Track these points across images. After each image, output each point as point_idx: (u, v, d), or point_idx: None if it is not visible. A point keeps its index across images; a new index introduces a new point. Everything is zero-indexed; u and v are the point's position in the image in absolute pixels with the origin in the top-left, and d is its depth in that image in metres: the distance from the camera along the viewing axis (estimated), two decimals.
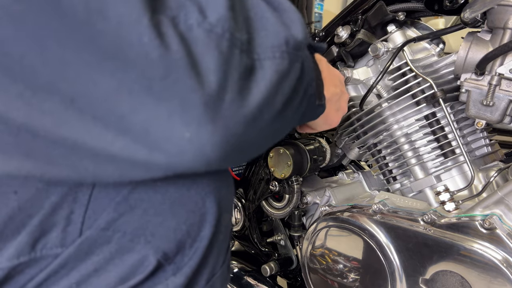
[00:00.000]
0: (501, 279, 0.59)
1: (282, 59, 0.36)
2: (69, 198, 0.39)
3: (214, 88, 0.31)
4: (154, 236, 0.42)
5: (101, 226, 0.40)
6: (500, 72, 0.62)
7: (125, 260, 0.41)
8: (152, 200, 0.42)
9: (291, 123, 0.45)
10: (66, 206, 0.39)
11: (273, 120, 0.37)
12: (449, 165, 0.73)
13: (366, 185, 0.92)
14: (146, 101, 0.30)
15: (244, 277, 1.06)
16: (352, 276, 0.78)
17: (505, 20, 0.62)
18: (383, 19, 0.75)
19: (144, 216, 0.41)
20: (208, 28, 0.31)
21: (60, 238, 0.39)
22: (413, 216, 0.69)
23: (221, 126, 0.32)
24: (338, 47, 0.84)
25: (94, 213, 0.40)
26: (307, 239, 0.85)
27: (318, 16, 4.28)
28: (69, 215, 0.39)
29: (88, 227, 0.39)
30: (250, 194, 0.99)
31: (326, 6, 4.34)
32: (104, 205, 0.40)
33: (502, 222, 0.61)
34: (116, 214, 0.40)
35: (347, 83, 0.85)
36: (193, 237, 0.44)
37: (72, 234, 0.39)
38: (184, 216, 0.43)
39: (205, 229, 0.44)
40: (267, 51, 0.35)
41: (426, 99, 0.72)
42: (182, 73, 0.30)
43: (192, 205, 0.43)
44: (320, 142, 0.94)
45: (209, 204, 0.44)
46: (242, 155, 0.39)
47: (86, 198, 0.39)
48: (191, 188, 0.43)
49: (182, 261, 0.44)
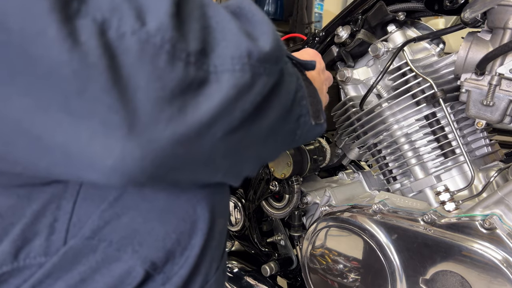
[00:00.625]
0: (501, 279, 0.59)
1: (243, 72, 0.32)
2: (52, 206, 0.38)
3: (141, 107, 0.28)
4: (142, 245, 0.40)
5: (86, 235, 0.38)
6: (500, 72, 0.62)
7: (112, 270, 0.39)
8: (139, 207, 0.40)
9: (275, 142, 0.42)
10: (49, 214, 0.37)
11: (229, 137, 0.34)
12: (449, 165, 0.73)
13: (366, 185, 0.92)
14: (63, 120, 0.27)
15: (244, 277, 1.06)
16: (352, 276, 0.78)
17: (505, 20, 0.62)
18: (383, 19, 0.75)
19: (131, 225, 0.40)
20: (144, 38, 0.27)
21: (43, 247, 0.37)
22: (413, 216, 0.69)
23: (152, 149, 0.29)
24: (338, 47, 0.84)
25: (79, 221, 0.38)
26: (307, 239, 0.85)
27: (318, 16, 4.29)
28: (53, 223, 0.38)
29: (72, 236, 0.38)
30: (250, 194, 0.99)
31: (326, 6, 4.35)
32: (89, 213, 0.38)
33: (502, 222, 0.61)
34: (102, 222, 0.39)
35: (347, 83, 0.85)
36: (184, 246, 0.42)
37: (56, 242, 0.38)
38: (173, 224, 0.41)
39: (197, 237, 0.43)
40: (227, 62, 0.31)
41: (426, 99, 0.72)
42: (100, 90, 0.27)
43: (182, 213, 0.42)
44: (320, 142, 0.94)
45: (200, 211, 0.43)
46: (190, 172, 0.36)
47: (70, 205, 0.38)
48: (181, 195, 0.42)
49: (172, 270, 0.42)
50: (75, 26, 0.26)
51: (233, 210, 1.04)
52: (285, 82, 0.38)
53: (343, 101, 0.86)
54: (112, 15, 0.27)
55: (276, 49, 0.35)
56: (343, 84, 0.86)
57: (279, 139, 0.42)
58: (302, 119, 0.44)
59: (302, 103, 0.43)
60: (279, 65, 0.37)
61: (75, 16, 0.26)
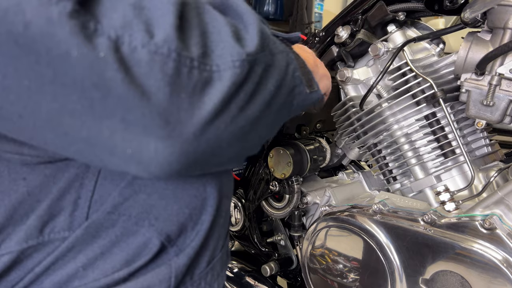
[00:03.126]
0: (501, 279, 0.59)
1: (242, 68, 0.36)
2: (76, 184, 0.40)
3: (157, 108, 0.32)
4: (158, 219, 0.43)
5: (107, 210, 0.41)
6: (500, 72, 0.62)
7: (130, 243, 0.43)
8: (155, 185, 0.43)
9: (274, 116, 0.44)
10: (73, 192, 0.40)
11: (233, 123, 0.37)
12: (449, 165, 0.73)
13: (366, 185, 0.92)
14: (87, 119, 0.32)
15: (244, 277, 1.06)
16: (352, 276, 0.78)
17: (505, 20, 0.62)
18: (383, 19, 0.75)
19: (148, 200, 0.43)
20: (153, 50, 0.31)
21: (67, 222, 0.40)
22: (413, 216, 0.69)
23: (172, 140, 0.34)
24: (338, 47, 0.84)
25: (100, 198, 0.41)
26: (307, 239, 0.85)
27: (318, 16, 4.28)
28: (76, 200, 0.41)
29: (94, 211, 0.41)
30: (250, 194, 0.99)
31: (326, 6, 4.34)
32: (109, 190, 0.42)
33: (502, 222, 0.61)
34: (121, 198, 0.42)
35: (347, 83, 0.85)
36: (195, 220, 0.46)
37: (79, 218, 0.41)
38: (186, 200, 0.45)
39: (207, 213, 0.46)
40: (228, 62, 0.35)
41: (426, 99, 0.72)
42: (118, 97, 0.31)
43: (194, 190, 0.45)
44: (320, 142, 0.94)
45: (210, 190, 0.46)
46: (209, 159, 0.39)
47: (92, 184, 0.41)
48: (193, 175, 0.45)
49: (184, 243, 0.46)
50: (94, 45, 0.29)
51: (233, 210, 1.04)
52: (276, 60, 0.42)
53: (343, 101, 0.86)
54: (124, 32, 0.30)
55: (263, 36, 0.39)
56: (343, 84, 0.86)
57: (277, 112, 0.45)
58: (297, 90, 0.47)
59: (295, 74, 0.46)
60: (267, 50, 0.40)
61: (93, 36, 0.29)
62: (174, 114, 0.33)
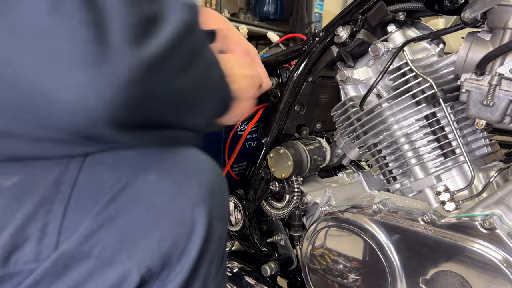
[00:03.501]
0: (501, 279, 0.59)
1: (187, 13, 0.37)
2: (43, 209, 0.37)
3: (113, 31, 0.30)
4: (137, 249, 0.39)
5: (78, 239, 0.37)
6: (500, 72, 0.62)
7: (105, 276, 0.38)
8: (134, 210, 0.39)
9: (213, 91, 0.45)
10: (40, 218, 0.37)
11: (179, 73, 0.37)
12: (449, 165, 0.73)
13: (366, 185, 0.92)
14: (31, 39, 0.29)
15: (244, 277, 1.06)
16: (352, 276, 0.78)
17: (505, 20, 0.62)
18: (383, 19, 0.75)
19: (125, 228, 0.38)
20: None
21: (34, 252, 0.36)
22: (413, 216, 0.69)
23: (118, 77, 0.31)
24: (338, 47, 0.84)
25: (71, 225, 0.37)
26: (307, 239, 0.85)
27: (318, 16, 4.29)
28: (44, 227, 0.37)
29: (64, 240, 0.37)
30: (250, 194, 0.99)
31: (326, 6, 4.35)
32: (81, 216, 0.38)
33: (502, 222, 0.61)
34: (95, 226, 0.38)
35: (347, 83, 0.85)
36: (181, 250, 0.41)
37: (48, 247, 0.37)
38: (170, 227, 0.40)
39: (194, 241, 0.41)
40: (176, 4, 0.36)
41: (426, 99, 0.72)
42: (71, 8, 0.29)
43: (179, 215, 0.41)
44: (320, 142, 0.94)
45: (198, 214, 0.41)
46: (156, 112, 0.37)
47: (61, 208, 0.37)
48: (178, 197, 0.41)
49: (169, 277, 0.41)
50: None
51: (233, 210, 1.04)
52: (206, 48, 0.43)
53: (343, 101, 0.86)
54: None
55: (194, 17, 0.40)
56: (343, 84, 0.86)
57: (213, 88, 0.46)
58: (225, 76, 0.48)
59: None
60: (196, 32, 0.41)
61: None
62: (131, 38, 0.31)
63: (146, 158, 0.41)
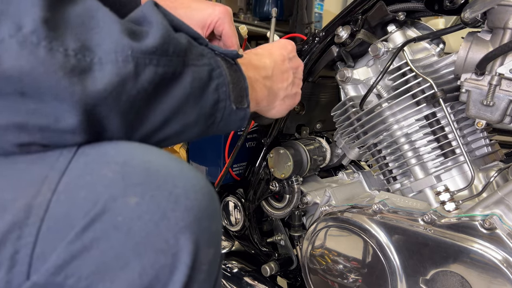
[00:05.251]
0: (501, 279, 0.59)
1: (126, 63, 0.38)
2: (13, 235, 0.34)
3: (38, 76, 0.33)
4: (115, 282, 0.36)
5: (51, 270, 0.35)
6: (500, 72, 0.62)
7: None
8: (111, 239, 0.36)
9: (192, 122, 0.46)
10: (10, 245, 0.34)
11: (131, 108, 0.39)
12: (449, 165, 0.73)
13: (366, 185, 0.92)
14: None
15: (244, 277, 1.06)
16: (352, 277, 0.78)
17: (505, 20, 0.62)
18: (383, 19, 0.75)
19: (102, 259, 0.36)
20: (21, 40, 0.33)
21: (4, 282, 0.34)
22: (413, 216, 0.69)
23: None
24: (338, 47, 0.84)
25: (43, 253, 0.35)
26: (307, 239, 0.85)
27: (318, 16, 4.29)
28: (13, 254, 0.34)
29: (36, 270, 0.35)
30: (250, 194, 0.99)
31: (326, 6, 4.35)
32: (54, 244, 0.35)
33: (502, 222, 0.61)
34: (68, 256, 0.35)
35: (347, 83, 0.85)
36: (164, 282, 0.37)
37: (18, 277, 0.34)
38: (151, 258, 0.37)
39: (179, 272, 0.38)
40: (111, 55, 0.37)
41: (426, 99, 0.72)
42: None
43: (162, 244, 0.37)
44: (320, 142, 0.94)
45: (183, 242, 0.38)
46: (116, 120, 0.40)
47: (32, 235, 0.35)
48: (160, 224, 0.37)
49: None
50: None
51: (233, 210, 1.04)
52: (189, 71, 0.44)
53: (343, 101, 0.86)
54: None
55: (167, 42, 0.41)
56: (343, 84, 0.86)
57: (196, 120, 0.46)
58: (221, 104, 0.48)
59: (221, 90, 0.48)
60: (173, 56, 0.42)
61: None
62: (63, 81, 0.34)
63: (127, 178, 0.38)
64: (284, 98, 0.68)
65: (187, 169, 0.43)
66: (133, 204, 0.37)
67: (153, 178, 0.39)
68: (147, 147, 0.43)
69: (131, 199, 0.37)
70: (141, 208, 0.37)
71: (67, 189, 0.37)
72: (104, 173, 0.38)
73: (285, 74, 0.68)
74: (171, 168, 0.41)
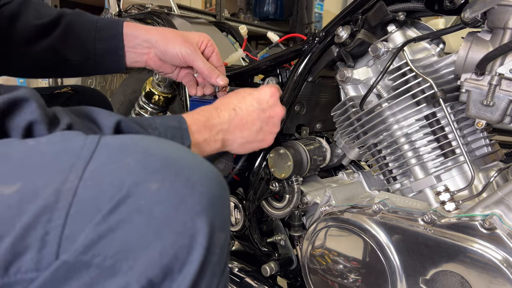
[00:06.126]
0: (501, 279, 0.59)
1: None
2: (43, 218, 0.37)
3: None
4: (138, 261, 0.39)
5: (79, 250, 0.37)
6: (500, 72, 0.62)
7: (106, 287, 0.38)
8: (135, 221, 0.39)
9: None
10: (40, 227, 0.37)
11: None
12: (449, 165, 0.73)
13: (366, 185, 0.92)
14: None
15: (244, 277, 1.06)
16: (352, 277, 0.78)
17: (505, 20, 0.62)
18: (383, 19, 0.75)
19: (126, 239, 0.38)
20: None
21: (35, 261, 0.37)
22: (413, 216, 0.69)
23: None
24: (338, 47, 0.84)
25: (72, 234, 0.37)
26: (307, 239, 0.85)
27: (318, 16, 4.29)
28: (44, 236, 0.37)
29: (65, 250, 0.37)
30: (250, 194, 0.99)
31: (326, 6, 4.35)
32: (82, 226, 0.38)
33: (502, 222, 0.61)
34: (95, 236, 0.38)
35: (347, 83, 0.85)
36: (182, 261, 0.40)
37: (48, 257, 0.37)
38: (171, 239, 0.40)
39: (195, 252, 0.41)
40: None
41: (426, 99, 0.72)
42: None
43: (180, 226, 0.40)
44: (320, 142, 0.94)
45: (200, 224, 0.41)
46: None
47: (62, 218, 0.37)
48: (179, 208, 0.40)
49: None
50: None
51: (233, 210, 1.04)
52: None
53: (343, 101, 0.86)
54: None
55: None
56: (343, 84, 0.86)
57: None
58: None
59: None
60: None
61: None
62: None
63: (148, 166, 0.41)
64: (244, 144, 0.75)
65: (201, 160, 0.46)
66: (154, 189, 0.40)
67: (172, 166, 0.43)
68: (163, 140, 0.46)
69: (152, 184, 0.40)
70: (161, 193, 0.40)
71: (93, 176, 0.39)
72: (128, 162, 0.41)
73: (248, 124, 0.75)
74: (187, 158, 0.45)
